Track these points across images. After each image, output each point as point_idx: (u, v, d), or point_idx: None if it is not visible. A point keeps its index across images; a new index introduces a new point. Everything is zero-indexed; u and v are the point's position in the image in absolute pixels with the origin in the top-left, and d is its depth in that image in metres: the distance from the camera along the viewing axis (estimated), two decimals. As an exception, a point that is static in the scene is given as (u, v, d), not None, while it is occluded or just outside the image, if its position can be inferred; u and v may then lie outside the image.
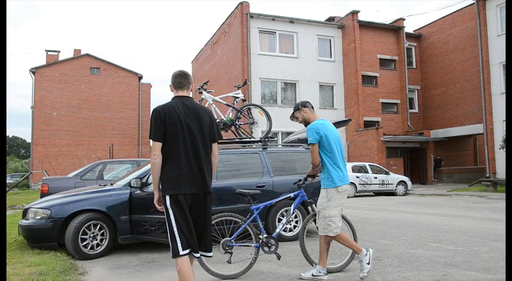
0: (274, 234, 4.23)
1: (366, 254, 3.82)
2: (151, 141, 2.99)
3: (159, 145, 2.90)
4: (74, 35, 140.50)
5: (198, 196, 2.93)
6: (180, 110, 2.95)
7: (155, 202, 2.99)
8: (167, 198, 2.88)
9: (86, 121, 29.08)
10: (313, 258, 4.21)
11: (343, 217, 4.34)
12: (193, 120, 2.97)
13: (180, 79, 3.08)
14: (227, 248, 4.08)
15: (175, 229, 2.85)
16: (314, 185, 4.97)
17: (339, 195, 3.81)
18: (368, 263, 3.80)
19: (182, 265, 2.82)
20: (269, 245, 4.18)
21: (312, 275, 3.93)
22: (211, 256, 3.06)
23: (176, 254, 2.82)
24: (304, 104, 4.16)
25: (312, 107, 4.21)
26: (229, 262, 4.04)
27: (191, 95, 3.16)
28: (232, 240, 4.11)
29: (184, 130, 2.93)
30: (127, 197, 5.28)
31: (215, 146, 3.12)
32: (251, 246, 4.23)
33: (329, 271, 4.09)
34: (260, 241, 4.16)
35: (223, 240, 4.11)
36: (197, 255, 2.94)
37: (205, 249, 2.98)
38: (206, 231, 2.97)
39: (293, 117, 4.30)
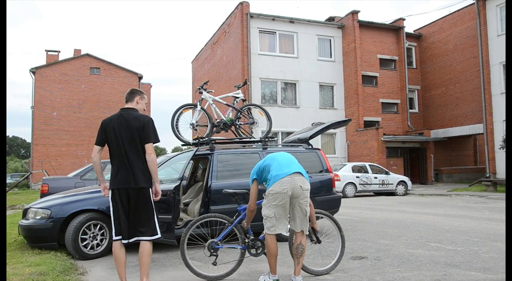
0: (260, 236, 4.12)
1: (272, 279, 3.77)
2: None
3: (96, 148, 3.63)
4: (74, 35, 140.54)
5: (132, 191, 3.48)
6: (116, 121, 3.60)
7: (102, 191, 3.71)
8: (110, 192, 3.57)
9: (86, 121, 29.09)
10: (313, 257, 4.20)
11: (335, 223, 4.31)
12: (125, 128, 3.56)
13: (126, 95, 3.79)
14: (212, 250, 3.99)
15: (112, 218, 3.55)
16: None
17: (271, 196, 3.70)
18: None
19: (114, 247, 3.54)
20: (256, 247, 4.09)
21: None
22: (149, 240, 3.52)
23: (112, 238, 3.57)
24: None
25: None
26: (214, 264, 3.97)
27: (136, 106, 3.74)
28: (218, 242, 4.03)
29: (117, 137, 3.56)
30: (127, 197, 5.28)
31: (147, 146, 3.57)
32: (237, 248, 4.16)
33: (319, 273, 4.10)
34: (246, 243, 4.08)
35: (208, 241, 4.03)
36: (125, 241, 3.52)
37: (139, 235, 3.50)
38: (139, 221, 3.50)
39: None
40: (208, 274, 4.03)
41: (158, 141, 3.68)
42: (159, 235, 3.58)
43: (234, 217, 4.15)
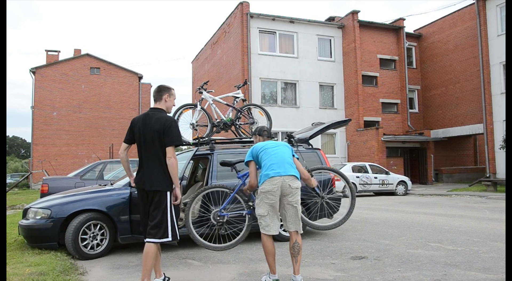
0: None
1: (272, 279, 3.80)
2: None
3: (124, 145, 3.73)
4: (74, 35, 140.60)
5: (149, 192, 3.53)
6: (142, 121, 3.63)
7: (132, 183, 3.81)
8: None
9: (86, 121, 29.07)
10: (313, 257, 4.19)
11: (343, 177, 4.63)
12: (148, 129, 3.57)
13: (154, 94, 3.77)
14: (218, 218, 4.09)
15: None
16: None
17: (262, 195, 3.76)
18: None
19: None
20: None
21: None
22: (155, 242, 3.47)
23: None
24: (255, 132, 4.29)
25: (262, 135, 4.22)
26: (221, 233, 4.10)
27: (164, 105, 3.73)
28: (222, 210, 4.12)
29: (140, 137, 3.60)
30: (127, 197, 5.28)
31: (168, 150, 3.53)
32: (242, 213, 4.22)
33: (326, 228, 4.45)
34: (251, 207, 4.14)
35: (213, 211, 4.13)
36: (145, 239, 3.54)
37: (149, 236, 3.50)
38: (151, 222, 3.50)
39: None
40: (216, 245, 4.10)
41: (180, 144, 3.71)
42: (168, 238, 3.52)
43: (236, 184, 4.27)
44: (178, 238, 3.63)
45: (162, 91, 3.74)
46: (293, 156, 3.98)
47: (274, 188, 3.71)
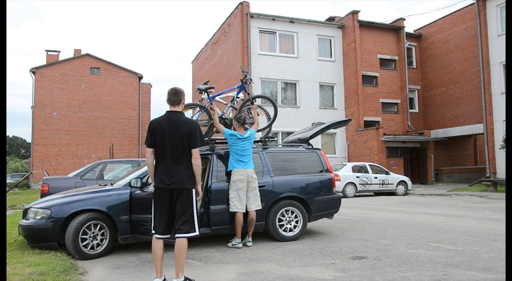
0: None
1: (237, 242, 5.50)
2: None
3: (149, 150, 3.84)
4: (74, 35, 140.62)
5: (175, 191, 3.70)
6: (165, 123, 3.78)
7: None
8: (154, 189, 3.82)
9: (86, 121, 29.05)
10: (313, 257, 4.19)
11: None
12: (174, 132, 3.74)
13: (170, 97, 3.87)
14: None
15: (153, 213, 3.79)
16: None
17: (233, 183, 5.49)
18: (238, 243, 5.49)
19: (153, 241, 3.74)
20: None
21: (232, 244, 5.54)
22: (186, 237, 3.69)
23: (151, 232, 3.81)
24: (234, 118, 6.03)
25: (238, 121, 5.88)
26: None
27: (182, 107, 3.98)
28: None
29: (165, 139, 3.74)
30: (127, 197, 5.28)
31: (194, 151, 3.81)
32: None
33: None
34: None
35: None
36: (160, 236, 3.69)
37: (179, 232, 3.68)
38: (180, 218, 3.69)
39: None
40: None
41: (205, 145, 3.83)
42: (197, 233, 3.77)
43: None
44: (199, 232, 3.85)
45: (180, 95, 3.88)
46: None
47: (241, 177, 5.46)
